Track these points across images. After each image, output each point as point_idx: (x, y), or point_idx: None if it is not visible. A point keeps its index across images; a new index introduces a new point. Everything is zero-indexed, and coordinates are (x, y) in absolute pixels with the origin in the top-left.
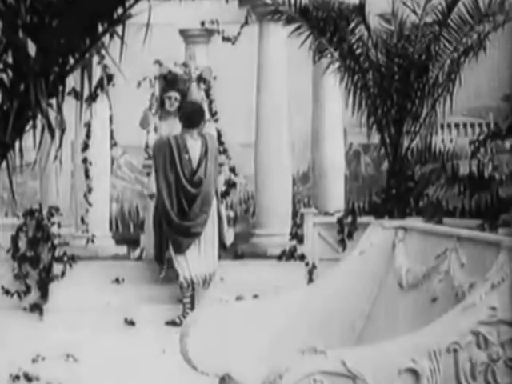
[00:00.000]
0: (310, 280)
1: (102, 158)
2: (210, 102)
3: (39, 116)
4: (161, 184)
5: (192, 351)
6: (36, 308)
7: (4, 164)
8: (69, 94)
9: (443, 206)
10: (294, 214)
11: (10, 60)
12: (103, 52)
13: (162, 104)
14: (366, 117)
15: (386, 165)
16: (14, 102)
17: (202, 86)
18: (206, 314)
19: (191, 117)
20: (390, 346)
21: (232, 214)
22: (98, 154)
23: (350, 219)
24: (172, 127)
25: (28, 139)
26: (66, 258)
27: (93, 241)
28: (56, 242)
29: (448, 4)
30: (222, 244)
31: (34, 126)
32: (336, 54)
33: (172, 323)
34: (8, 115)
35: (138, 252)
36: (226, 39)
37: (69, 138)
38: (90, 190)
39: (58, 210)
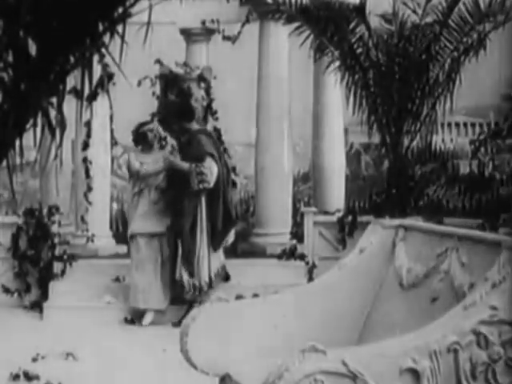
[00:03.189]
0: (310, 279)
1: (102, 157)
2: (210, 102)
3: (40, 115)
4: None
5: (192, 350)
6: (36, 306)
7: (4, 163)
8: (69, 92)
9: (443, 205)
10: (295, 213)
11: (10, 59)
12: (103, 51)
13: (143, 137)
14: (366, 116)
15: (386, 164)
16: (15, 101)
17: (202, 85)
18: (206, 313)
19: (185, 110)
20: (391, 346)
21: None
22: (99, 153)
23: (350, 218)
24: (157, 160)
25: (28, 138)
26: (66, 257)
27: (93, 240)
28: (56, 240)
29: (448, 4)
30: None
31: (35, 125)
32: (336, 53)
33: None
34: (8, 114)
35: None
36: (226, 38)
37: (69, 137)
38: (90, 189)
39: (58, 209)
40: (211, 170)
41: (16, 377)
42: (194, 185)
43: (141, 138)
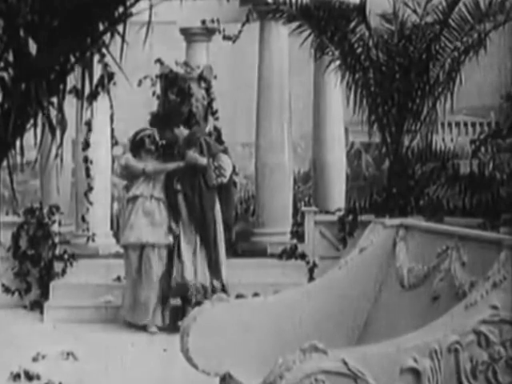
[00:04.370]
0: (311, 278)
1: (102, 156)
2: (211, 101)
3: (40, 114)
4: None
5: (193, 350)
6: (36, 306)
7: (5, 162)
8: (70, 92)
9: (444, 204)
10: (295, 212)
11: (11, 59)
12: (104, 50)
13: (141, 144)
14: (366, 115)
15: (386, 164)
16: (15, 101)
17: (203, 84)
18: (207, 313)
19: (171, 115)
20: (391, 345)
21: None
22: (99, 152)
23: (350, 218)
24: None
25: (29, 137)
26: (66, 257)
27: (93, 239)
28: (57, 240)
29: (449, 4)
30: None
31: (35, 125)
32: (337, 53)
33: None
34: (9, 114)
35: None
36: (226, 38)
37: (69, 137)
38: (90, 188)
39: (58, 208)
40: (228, 164)
41: (16, 376)
42: (212, 179)
43: (139, 145)
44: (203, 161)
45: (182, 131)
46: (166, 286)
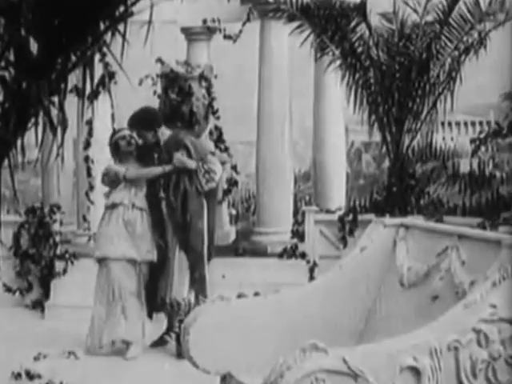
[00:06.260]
0: (311, 278)
1: (103, 156)
2: (211, 100)
3: (41, 114)
4: None
5: (193, 349)
6: (38, 305)
7: (6, 161)
8: (71, 91)
9: (444, 203)
10: (296, 211)
11: (12, 58)
12: (105, 50)
13: (115, 147)
14: (367, 115)
15: (387, 163)
16: (16, 100)
17: (204, 84)
18: (208, 312)
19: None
20: (391, 344)
21: (234, 211)
22: (100, 152)
23: (351, 217)
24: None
25: (30, 137)
26: (67, 256)
27: (94, 239)
28: (58, 239)
29: (449, 3)
30: None
31: (36, 124)
32: (337, 52)
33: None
34: (10, 113)
35: None
36: (227, 37)
37: (71, 136)
38: (91, 187)
39: (59, 207)
40: (218, 167)
41: (18, 376)
42: (202, 185)
43: (115, 149)
44: (192, 164)
45: (164, 132)
46: (150, 302)
